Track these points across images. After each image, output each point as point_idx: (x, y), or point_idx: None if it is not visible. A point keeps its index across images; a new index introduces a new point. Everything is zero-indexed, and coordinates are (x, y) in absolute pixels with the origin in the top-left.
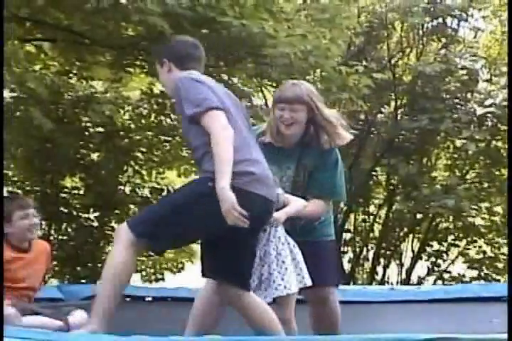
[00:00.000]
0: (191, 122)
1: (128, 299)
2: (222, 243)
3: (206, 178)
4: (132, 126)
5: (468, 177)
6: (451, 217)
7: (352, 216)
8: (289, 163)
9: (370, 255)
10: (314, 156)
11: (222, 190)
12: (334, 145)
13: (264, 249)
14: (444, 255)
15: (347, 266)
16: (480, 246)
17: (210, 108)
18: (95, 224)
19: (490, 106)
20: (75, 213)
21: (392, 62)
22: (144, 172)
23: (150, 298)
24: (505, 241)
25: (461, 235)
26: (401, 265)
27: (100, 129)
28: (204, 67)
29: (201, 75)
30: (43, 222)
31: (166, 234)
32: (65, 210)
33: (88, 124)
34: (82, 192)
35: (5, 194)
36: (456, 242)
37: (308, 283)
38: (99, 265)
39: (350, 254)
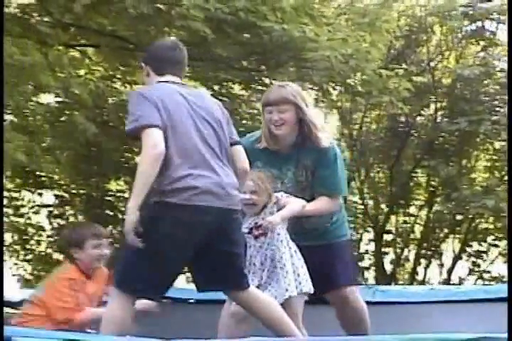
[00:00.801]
0: (128, 137)
1: (170, 301)
2: (202, 255)
3: (147, 206)
4: None
5: (507, 178)
6: (491, 218)
7: (393, 217)
8: (289, 164)
9: (411, 256)
10: (312, 155)
11: (128, 210)
12: (318, 146)
13: (265, 254)
14: (484, 255)
15: (388, 267)
16: None
17: (145, 125)
18: None
19: None
20: (120, 216)
21: (432, 65)
22: None
23: (193, 300)
24: None
25: (500, 235)
26: (441, 265)
27: None
28: (185, 68)
29: (158, 87)
30: None
31: (151, 278)
32: (110, 213)
33: None
34: (126, 195)
35: (51, 198)
36: (496, 242)
37: (305, 289)
38: None
39: (392, 255)
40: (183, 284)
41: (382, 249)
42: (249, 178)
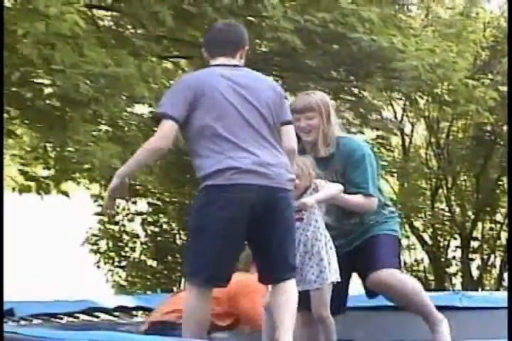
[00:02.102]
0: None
1: None
2: (258, 238)
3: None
4: None
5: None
6: None
7: (479, 224)
8: (320, 168)
9: (498, 262)
10: (341, 157)
11: (114, 176)
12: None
13: (299, 239)
14: None
15: (475, 273)
16: None
17: (163, 113)
18: None
19: None
20: None
21: None
22: None
23: None
24: None
25: None
26: None
27: None
28: (239, 47)
29: (200, 72)
30: (181, 232)
31: (212, 264)
32: None
33: None
34: None
35: (145, 206)
36: None
37: (333, 279)
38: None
39: (478, 261)
40: None
41: (469, 256)
42: (295, 162)
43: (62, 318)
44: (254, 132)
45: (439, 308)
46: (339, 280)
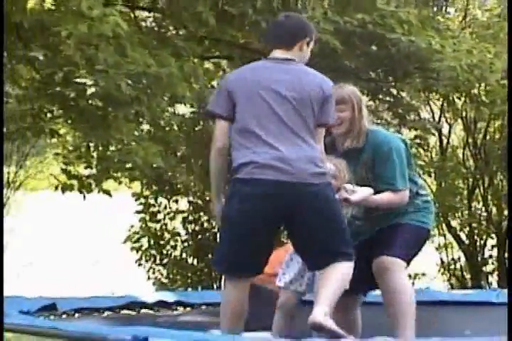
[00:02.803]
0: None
1: None
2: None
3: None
4: None
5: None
6: None
7: None
8: (350, 162)
9: None
10: (369, 150)
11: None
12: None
13: None
14: None
15: None
16: None
17: (208, 111)
18: None
19: None
20: None
21: None
22: None
23: None
24: None
25: None
26: None
27: None
28: (292, 40)
29: (246, 67)
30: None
31: (236, 255)
32: None
33: None
34: None
35: (186, 204)
36: None
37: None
38: None
39: None
40: None
41: (505, 255)
42: (333, 163)
43: (103, 312)
44: (284, 127)
45: (477, 304)
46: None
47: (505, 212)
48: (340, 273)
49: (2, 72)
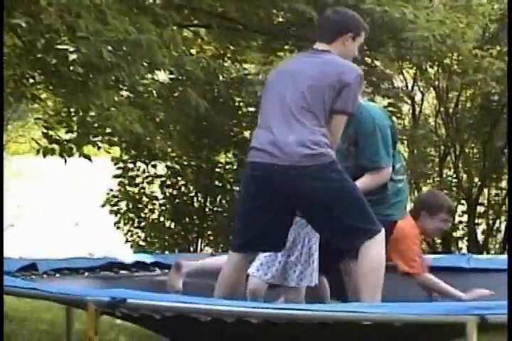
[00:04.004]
0: None
1: None
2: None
3: None
4: None
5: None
6: None
7: (485, 190)
8: None
9: (502, 227)
10: (354, 124)
11: None
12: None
13: (294, 232)
14: None
15: (480, 237)
16: None
17: None
18: None
19: None
20: (228, 186)
21: None
22: None
23: None
24: None
25: None
26: None
27: (252, 109)
28: (331, 33)
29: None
30: (199, 194)
31: (241, 233)
32: (219, 184)
33: (241, 104)
34: (234, 167)
35: (163, 168)
36: None
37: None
38: None
39: (484, 226)
40: None
41: (475, 221)
42: None
43: (83, 273)
44: (288, 111)
45: (448, 269)
46: (312, 284)
47: (475, 179)
48: (372, 258)
49: (2, 71)
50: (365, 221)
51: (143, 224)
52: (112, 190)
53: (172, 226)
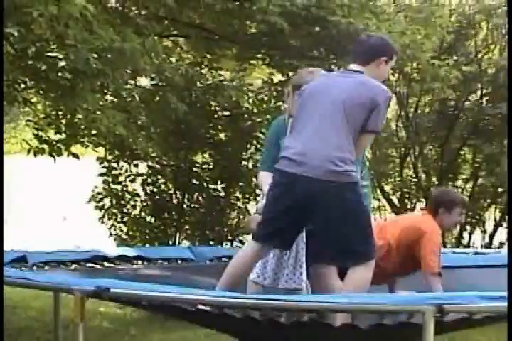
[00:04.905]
0: None
1: None
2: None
3: None
4: (254, 110)
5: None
6: None
7: None
8: None
9: None
10: None
11: None
12: None
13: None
14: None
15: None
16: None
17: None
18: (222, 194)
19: None
20: (204, 184)
21: (479, 56)
22: None
23: None
24: None
25: None
26: (484, 231)
27: (227, 113)
28: (364, 56)
29: (320, 76)
30: (177, 192)
31: (262, 227)
32: (196, 182)
33: (217, 108)
34: (210, 166)
35: (144, 167)
36: None
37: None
38: (225, 229)
39: None
40: None
41: None
42: None
43: (70, 265)
44: (320, 125)
45: None
46: (299, 287)
47: (433, 179)
48: (357, 280)
49: (2, 71)
50: (364, 246)
51: (125, 219)
52: (97, 188)
53: (152, 221)
